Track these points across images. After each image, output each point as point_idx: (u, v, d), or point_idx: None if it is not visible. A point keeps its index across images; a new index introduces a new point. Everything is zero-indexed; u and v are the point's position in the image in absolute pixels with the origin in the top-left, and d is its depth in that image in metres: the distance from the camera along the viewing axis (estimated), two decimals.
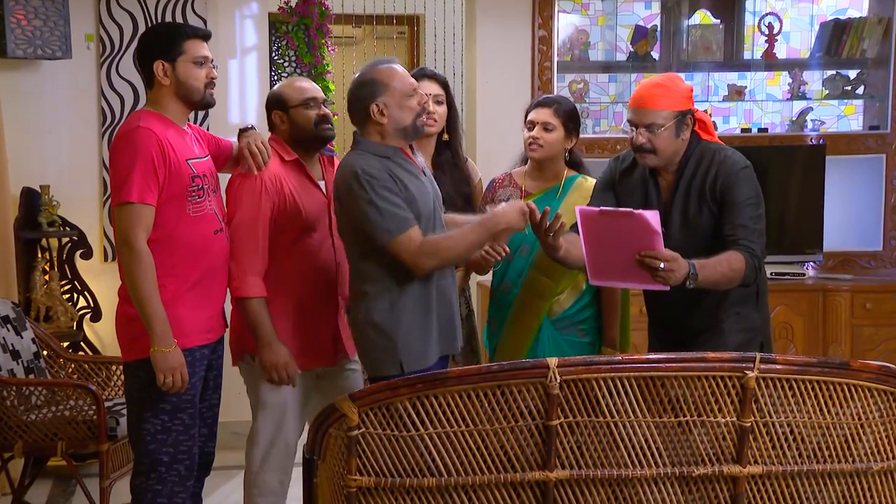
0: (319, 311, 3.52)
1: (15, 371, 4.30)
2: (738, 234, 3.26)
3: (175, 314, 3.23)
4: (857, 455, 2.50)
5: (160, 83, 3.25)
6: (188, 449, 3.31)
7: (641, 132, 3.29)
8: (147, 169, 3.14)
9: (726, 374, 2.41)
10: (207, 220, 3.30)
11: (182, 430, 3.29)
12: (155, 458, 3.27)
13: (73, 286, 5.28)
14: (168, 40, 3.25)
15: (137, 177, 3.12)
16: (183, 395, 3.27)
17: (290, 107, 3.48)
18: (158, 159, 3.16)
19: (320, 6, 6.34)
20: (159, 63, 3.23)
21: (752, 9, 6.03)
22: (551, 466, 2.42)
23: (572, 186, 3.75)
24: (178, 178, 3.20)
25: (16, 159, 5.04)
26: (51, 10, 5.09)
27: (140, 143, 3.15)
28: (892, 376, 2.47)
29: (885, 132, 5.79)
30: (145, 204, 3.15)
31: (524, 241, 3.63)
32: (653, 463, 2.45)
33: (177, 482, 3.31)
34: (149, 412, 3.26)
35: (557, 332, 3.71)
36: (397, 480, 2.41)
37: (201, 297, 3.31)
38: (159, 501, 3.30)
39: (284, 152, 3.48)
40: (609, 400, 2.40)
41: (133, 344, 3.27)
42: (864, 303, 5.40)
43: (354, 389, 3.41)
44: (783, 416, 2.46)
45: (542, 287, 3.66)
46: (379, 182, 3.11)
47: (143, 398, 3.26)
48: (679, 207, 3.37)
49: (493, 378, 2.38)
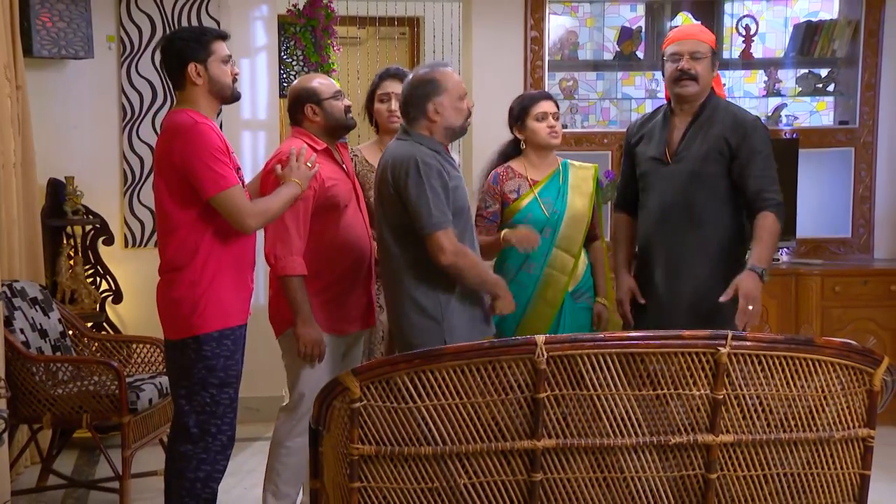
0: (357, 279, 3.56)
1: (43, 349, 4.32)
2: (762, 185, 3.42)
3: (217, 296, 3.26)
4: (821, 424, 2.52)
5: (193, 83, 3.27)
6: (231, 420, 3.36)
7: (687, 59, 3.47)
8: (219, 157, 3.19)
9: (700, 350, 2.42)
10: None
11: (227, 402, 3.33)
12: (204, 429, 3.31)
13: (95, 270, 5.30)
14: (198, 43, 3.27)
15: (218, 166, 3.18)
16: (229, 370, 3.31)
17: (323, 99, 3.52)
18: (222, 147, 3.22)
19: (326, 9, 6.34)
20: (193, 65, 3.25)
21: (730, 11, 6.03)
22: (539, 436, 2.44)
23: (568, 170, 3.83)
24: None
25: (42, 153, 5.06)
26: (74, 12, 5.09)
27: (204, 137, 3.19)
28: (853, 352, 2.49)
29: (853, 127, 5.80)
30: (233, 186, 3.20)
31: (547, 224, 3.70)
32: (633, 432, 2.47)
33: (219, 451, 3.35)
34: (198, 386, 3.28)
35: (574, 302, 3.77)
36: (396, 449, 2.43)
37: (238, 279, 3.34)
38: (204, 468, 3.33)
39: (315, 143, 3.52)
40: (592, 374, 2.42)
41: (177, 322, 3.28)
42: (833, 286, 5.39)
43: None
44: (753, 389, 2.47)
45: (564, 263, 3.72)
46: (434, 174, 3.14)
47: (192, 374, 3.28)
48: (688, 147, 3.51)
49: (486, 354, 2.39)
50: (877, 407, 2.55)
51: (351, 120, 3.59)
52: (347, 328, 3.58)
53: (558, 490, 2.50)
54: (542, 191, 3.73)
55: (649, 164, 3.65)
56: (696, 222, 3.53)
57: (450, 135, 3.29)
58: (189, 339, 3.26)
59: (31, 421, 4.18)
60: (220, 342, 3.28)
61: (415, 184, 3.13)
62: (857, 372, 2.51)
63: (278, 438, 3.59)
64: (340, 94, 3.58)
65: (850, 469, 2.58)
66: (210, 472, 3.34)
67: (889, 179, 5.75)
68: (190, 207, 3.24)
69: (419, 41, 7.53)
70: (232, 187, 3.19)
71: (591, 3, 5.96)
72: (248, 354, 3.66)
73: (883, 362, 2.52)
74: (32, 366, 4.10)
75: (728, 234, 3.56)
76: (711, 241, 3.52)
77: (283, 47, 6.22)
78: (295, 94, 3.58)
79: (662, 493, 2.53)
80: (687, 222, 3.53)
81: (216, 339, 3.27)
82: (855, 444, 2.57)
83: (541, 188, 3.73)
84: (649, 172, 3.65)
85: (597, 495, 2.51)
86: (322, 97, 3.52)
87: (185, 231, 3.26)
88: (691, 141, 3.53)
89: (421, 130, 3.25)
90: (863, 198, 5.84)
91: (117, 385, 4.07)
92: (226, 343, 3.30)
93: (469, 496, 2.47)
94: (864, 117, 5.81)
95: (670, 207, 3.57)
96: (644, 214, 3.69)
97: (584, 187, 3.78)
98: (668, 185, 3.58)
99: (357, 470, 2.44)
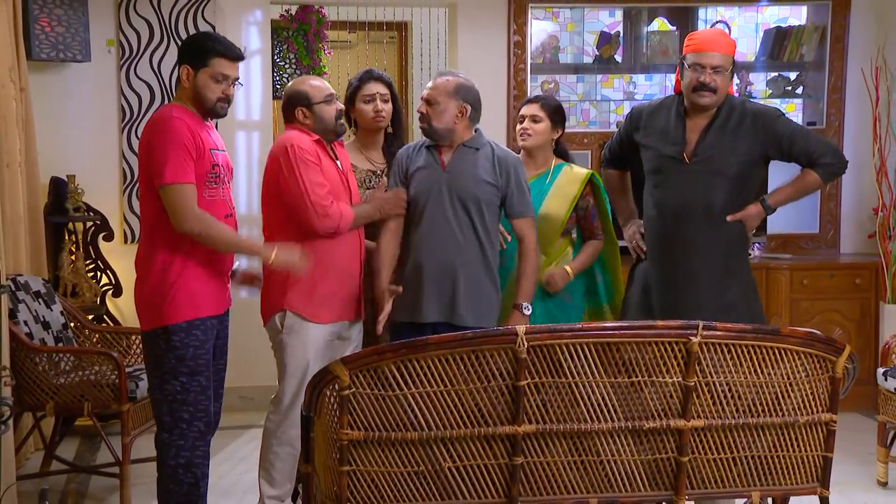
0: (348, 272, 3.53)
1: (46, 340, 4.32)
2: (811, 157, 3.43)
3: (188, 288, 3.26)
4: (787, 409, 2.56)
5: (183, 84, 3.29)
6: (205, 408, 3.33)
7: (708, 72, 3.39)
8: (185, 153, 3.16)
9: (673, 339, 2.45)
10: (219, 205, 3.31)
11: (199, 390, 3.31)
12: (176, 417, 3.29)
13: (96, 265, 5.30)
14: (198, 51, 3.27)
15: (180, 160, 3.15)
16: (199, 359, 3.29)
17: (314, 103, 3.50)
18: (190, 144, 3.18)
19: (317, 14, 6.37)
20: (185, 67, 3.26)
21: (704, 17, 6.05)
22: (520, 421, 2.46)
23: (560, 173, 3.79)
24: (200, 163, 3.22)
25: (45, 152, 5.05)
26: (72, 18, 5.09)
27: (174, 129, 3.17)
28: (816, 341, 2.52)
29: (821, 127, 5.84)
30: (186, 183, 3.16)
31: None
32: (609, 418, 2.49)
33: (197, 437, 3.33)
34: (169, 375, 3.28)
35: (548, 299, 3.71)
36: (384, 434, 2.45)
37: (210, 272, 3.32)
38: (183, 455, 3.32)
39: (309, 134, 3.50)
40: (570, 363, 2.44)
41: (150, 314, 3.29)
42: (801, 279, 5.43)
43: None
44: (722, 377, 2.51)
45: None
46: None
47: (163, 363, 3.28)
48: (709, 148, 3.45)
49: (469, 344, 2.41)
50: (839, 393, 2.59)
51: (341, 126, 3.55)
52: (343, 314, 3.54)
53: (538, 473, 2.52)
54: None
55: (665, 161, 3.52)
56: (714, 222, 3.46)
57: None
58: (159, 330, 3.26)
59: (34, 409, 4.18)
60: (188, 332, 3.27)
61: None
62: (821, 360, 2.55)
63: (269, 429, 3.56)
64: (333, 97, 3.55)
65: (814, 451, 2.62)
66: (190, 458, 3.32)
67: (854, 178, 5.79)
68: (158, 199, 3.22)
69: (407, 45, 7.54)
70: (185, 183, 3.16)
71: (572, 9, 5.97)
72: (241, 343, 3.67)
73: (844, 351, 2.55)
74: (36, 356, 4.11)
75: (738, 234, 3.50)
76: (724, 239, 3.47)
77: (275, 51, 6.23)
78: (287, 95, 3.57)
79: (637, 475, 2.56)
80: (705, 221, 3.45)
81: (184, 330, 3.26)
82: (818, 427, 2.61)
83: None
84: (664, 170, 3.52)
85: (575, 477, 2.53)
86: (313, 101, 3.49)
87: (154, 221, 3.25)
88: (711, 141, 3.45)
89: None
90: (830, 195, 5.87)
91: (117, 374, 4.08)
92: (195, 333, 3.28)
93: (453, 479, 2.49)
94: (830, 118, 5.86)
95: (689, 206, 3.46)
96: (657, 210, 3.56)
97: (568, 189, 3.74)
98: (686, 184, 3.47)
99: (346, 454, 2.46)
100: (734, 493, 2.62)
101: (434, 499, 2.50)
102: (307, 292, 3.45)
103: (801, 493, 2.66)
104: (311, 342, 3.47)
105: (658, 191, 3.55)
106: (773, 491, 2.64)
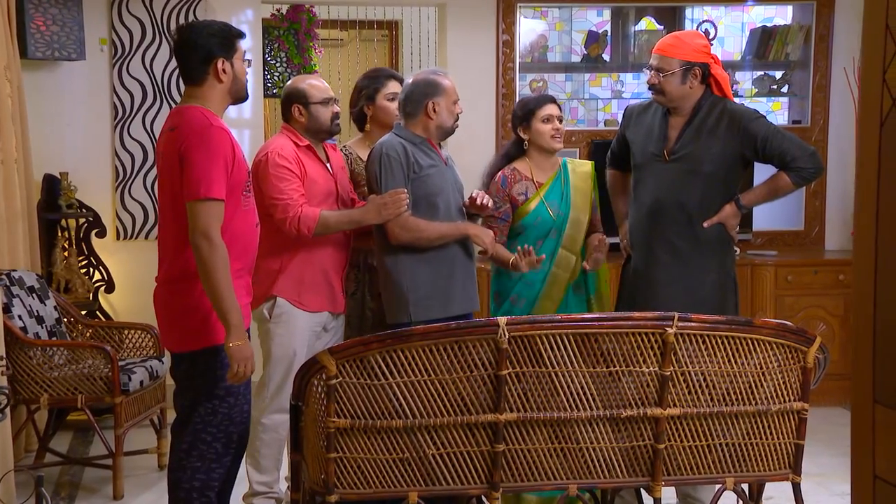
0: (330, 267, 3.58)
1: (40, 334, 4.38)
2: (784, 160, 3.47)
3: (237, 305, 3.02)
4: (759, 398, 2.64)
5: (217, 79, 3.02)
6: (226, 428, 3.10)
7: (654, 74, 3.53)
8: (222, 167, 2.94)
9: (650, 330, 2.53)
10: (252, 214, 3.15)
11: (225, 412, 3.09)
12: (197, 438, 3.08)
13: (89, 261, 5.35)
14: (227, 39, 3.04)
15: (216, 174, 2.91)
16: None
17: (311, 103, 3.55)
18: (230, 157, 2.97)
19: (308, 13, 6.42)
20: (221, 60, 3.00)
21: (691, 17, 6.12)
22: (501, 410, 2.54)
23: (568, 171, 3.79)
24: (239, 173, 3.02)
25: (38, 149, 5.11)
26: (67, 17, 5.15)
27: (216, 141, 2.94)
28: (788, 332, 2.60)
29: (806, 125, 5.92)
30: (220, 200, 2.92)
31: (553, 226, 3.68)
32: (588, 406, 2.57)
33: (214, 459, 3.11)
34: (203, 397, 3.07)
35: (575, 294, 3.75)
36: (370, 422, 2.52)
37: (244, 286, 3.12)
38: (198, 477, 3.11)
39: (298, 139, 3.56)
40: (550, 353, 2.52)
41: (192, 336, 3.03)
42: (786, 275, 5.47)
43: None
44: (697, 366, 2.59)
45: (568, 262, 3.68)
46: (393, 163, 3.38)
47: (201, 385, 3.06)
48: (684, 147, 3.52)
49: (452, 335, 2.49)
50: (810, 382, 2.67)
51: (336, 127, 3.61)
52: (328, 306, 3.60)
53: (519, 460, 2.60)
54: (547, 193, 3.70)
55: (646, 157, 3.60)
56: (687, 220, 3.52)
57: (441, 133, 3.50)
58: (208, 350, 3.02)
59: (29, 402, 4.25)
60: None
61: (372, 172, 3.43)
62: (793, 350, 2.63)
63: (255, 417, 3.55)
64: (331, 100, 3.57)
65: (787, 439, 2.70)
66: (206, 482, 3.12)
67: (839, 176, 5.87)
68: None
69: (398, 44, 7.62)
70: (217, 200, 2.91)
71: (560, 8, 6.04)
72: None
73: (815, 341, 2.63)
74: (30, 350, 4.18)
75: (715, 233, 3.55)
76: (698, 237, 3.52)
77: (266, 49, 6.29)
78: (287, 92, 3.63)
79: (615, 462, 2.64)
80: (679, 219, 3.52)
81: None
82: (790, 416, 2.69)
83: (546, 191, 3.70)
84: (644, 166, 3.61)
85: (554, 464, 2.62)
86: (310, 100, 3.55)
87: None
88: (687, 141, 3.52)
89: (413, 126, 3.44)
90: (815, 193, 5.94)
91: (110, 368, 4.15)
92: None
93: (437, 465, 2.57)
94: (815, 117, 5.93)
95: (663, 203, 3.54)
96: (636, 207, 3.65)
97: (584, 186, 3.75)
98: (662, 181, 3.55)
99: (333, 442, 2.53)
100: (709, 479, 2.70)
101: (418, 484, 2.58)
102: (297, 280, 3.53)
103: (774, 479, 2.74)
104: (297, 331, 3.54)
105: (638, 186, 3.64)
106: (747, 477, 2.72)
